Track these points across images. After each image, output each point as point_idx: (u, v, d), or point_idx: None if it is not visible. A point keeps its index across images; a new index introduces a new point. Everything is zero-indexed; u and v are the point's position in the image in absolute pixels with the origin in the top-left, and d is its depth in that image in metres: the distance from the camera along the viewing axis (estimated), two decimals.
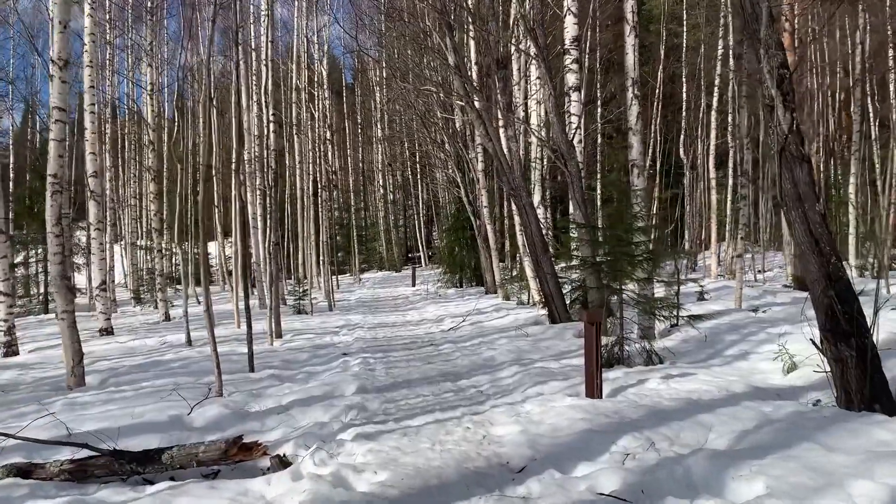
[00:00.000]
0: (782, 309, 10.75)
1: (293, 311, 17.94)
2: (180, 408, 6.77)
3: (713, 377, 6.85)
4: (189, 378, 8.80)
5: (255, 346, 11.29)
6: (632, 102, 9.89)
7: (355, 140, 48.53)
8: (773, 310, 10.73)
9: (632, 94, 9.88)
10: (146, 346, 12.48)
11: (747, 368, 7.51)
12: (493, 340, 10.73)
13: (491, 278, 20.35)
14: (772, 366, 7.41)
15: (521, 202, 11.90)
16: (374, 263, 42.87)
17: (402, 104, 28.60)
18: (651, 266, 8.26)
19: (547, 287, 12.01)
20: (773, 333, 8.77)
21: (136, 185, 31.76)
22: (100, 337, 14.55)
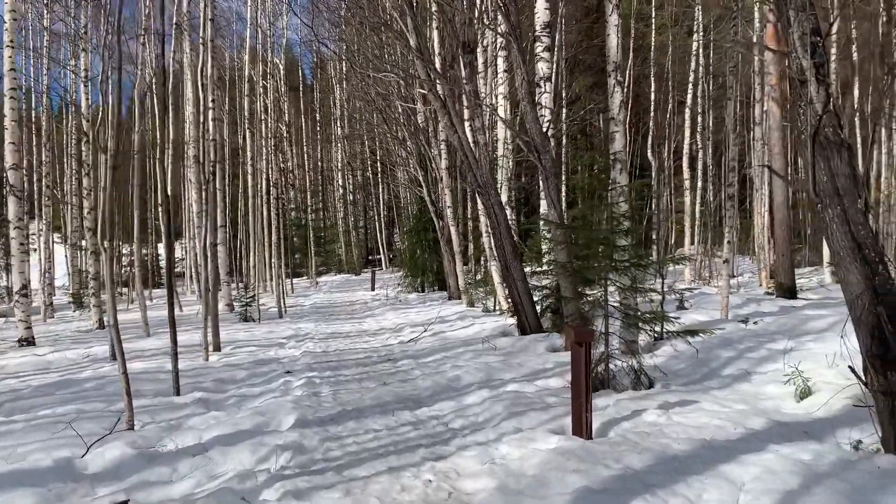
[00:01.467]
0: (774, 320, 9.81)
1: (239, 318, 16.54)
2: (75, 447, 5.48)
3: (720, 406, 5.78)
4: (100, 404, 7.47)
5: (188, 362, 9.99)
6: (614, 90, 8.82)
7: (314, 138, 47.01)
8: (764, 321, 9.78)
9: (614, 81, 8.82)
10: (66, 360, 11.02)
11: (753, 393, 6.48)
12: (457, 355, 9.57)
13: (454, 283, 19.21)
14: (781, 390, 6.40)
15: (490, 201, 10.78)
16: (332, 266, 41.40)
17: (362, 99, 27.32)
18: (639, 272, 7.19)
19: (516, 294, 10.91)
20: (773, 350, 7.79)
21: (78, 182, 29.80)
22: (18, 348, 12.98)
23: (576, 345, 5.18)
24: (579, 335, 5.14)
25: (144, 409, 7.02)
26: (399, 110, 20.50)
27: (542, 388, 7.08)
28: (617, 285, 7.60)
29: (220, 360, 10.31)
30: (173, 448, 5.57)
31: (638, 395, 6.37)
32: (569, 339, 5.20)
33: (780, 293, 13.20)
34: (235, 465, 5.02)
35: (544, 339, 10.07)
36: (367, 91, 21.23)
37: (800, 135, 4.84)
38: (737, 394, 6.48)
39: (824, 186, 4.61)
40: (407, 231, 26.33)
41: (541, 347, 9.68)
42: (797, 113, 4.86)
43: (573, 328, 5.17)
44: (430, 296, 21.50)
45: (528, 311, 10.90)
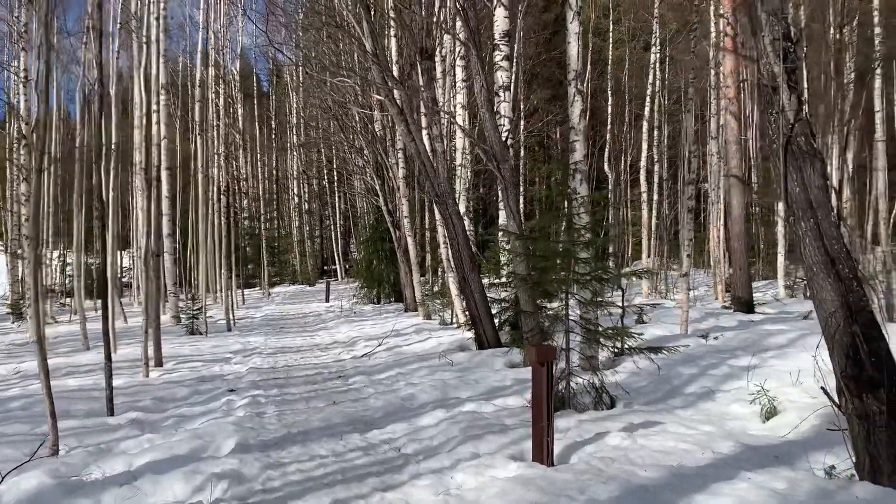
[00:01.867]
0: (734, 335, 9.67)
1: (185, 331, 15.86)
2: None
3: (685, 428, 5.52)
4: (24, 426, 6.90)
5: (126, 379, 9.42)
6: (574, 99, 8.60)
7: (269, 146, 46.19)
8: (725, 336, 9.64)
9: (574, 90, 8.60)
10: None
11: (718, 413, 6.25)
12: (413, 371, 9.19)
13: (411, 294, 18.81)
14: (747, 409, 6.19)
15: (447, 211, 10.46)
16: (286, 276, 40.54)
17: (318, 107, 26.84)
18: (600, 286, 6.93)
19: (474, 307, 10.59)
20: (736, 366, 7.62)
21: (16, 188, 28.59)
22: None
23: (536, 364, 4.86)
24: (540, 353, 4.82)
25: (72, 431, 6.48)
26: (356, 118, 20.08)
27: (500, 407, 6.75)
28: (577, 299, 7.35)
29: (162, 376, 9.73)
30: (99, 476, 5.07)
31: (600, 416, 6.09)
32: (529, 357, 4.87)
33: (737, 307, 13.15)
34: (166, 497, 4.57)
35: (502, 354, 9.77)
36: (323, 98, 20.77)
37: (771, 144, 4.63)
38: (702, 414, 6.25)
39: (797, 198, 4.40)
40: (363, 241, 25.88)
41: (499, 363, 9.37)
42: (768, 121, 4.65)
43: (534, 346, 4.86)
44: (386, 308, 21.07)
45: (486, 325, 10.59)
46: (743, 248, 13.21)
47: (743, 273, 13.11)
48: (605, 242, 7.22)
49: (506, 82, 11.15)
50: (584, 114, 8.77)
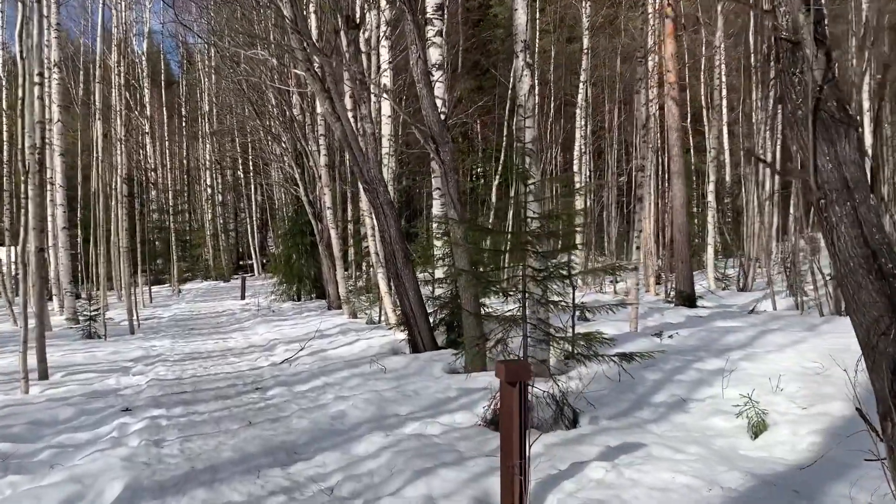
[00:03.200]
0: (690, 333, 9.02)
1: (82, 335, 14.17)
2: None
3: (672, 451, 4.69)
4: None
5: (1, 396, 7.94)
6: (522, 73, 7.69)
7: (179, 134, 43.66)
8: (679, 334, 8.97)
9: (522, 63, 7.68)
10: None
11: (698, 428, 5.47)
12: (342, 381, 8.09)
13: (335, 291, 17.61)
14: (730, 424, 5.45)
15: (378, 200, 9.37)
16: (199, 272, 38.35)
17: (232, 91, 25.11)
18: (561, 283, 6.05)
19: (408, 306, 9.57)
20: (703, 370, 6.91)
21: None
22: None
23: (507, 385, 3.90)
24: (511, 371, 3.85)
25: None
26: (273, 102, 18.66)
27: (448, 426, 5.77)
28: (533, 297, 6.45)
29: (45, 391, 8.26)
30: None
31: (569, 437, 5.19)
32: (498, 375, 3.91)
33: (679, 301, 12.64)
34: None
35: (440, 359, 8.81)
36: (237, 80, 19.23)
37: (793, 112, 3.81)
38: (680, 429, 5.46)
39: (829, 177, 3.57)
40: (281, 234, 24.38)
41: (437, 369, 8.40)
42: (787, 85, 3.82)
43: (503, 363, 3.89)
44: (308, 305, 19.77)
45: (421, 326, 9.59)
46: (685, 240, 12.70)
47: (685, 266, 12.60)
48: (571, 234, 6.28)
49: (439, 60, 10.17)
50: (533, 90, 7.88)
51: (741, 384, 6.22)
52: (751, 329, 9.01)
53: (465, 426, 5.81)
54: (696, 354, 7.61)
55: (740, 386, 6.18)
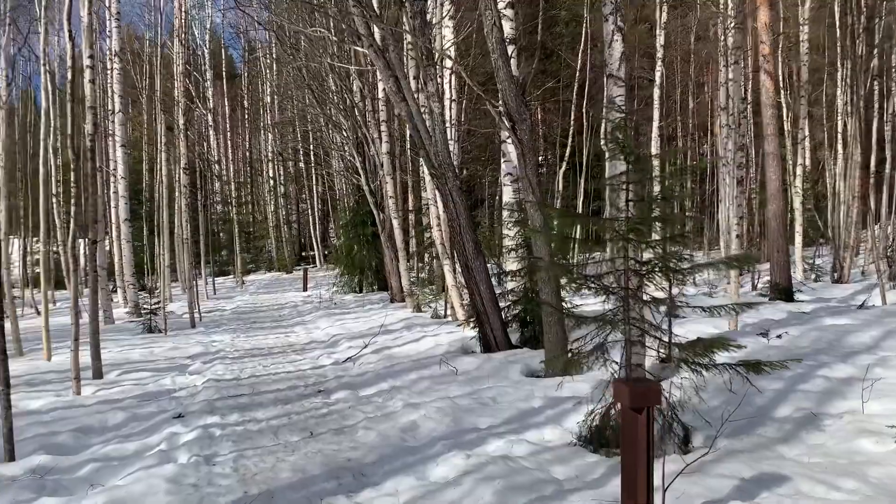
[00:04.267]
0: (801, 333, 7.97)
1: (143, 328, 13.91)
2: None
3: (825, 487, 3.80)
4: None
5: (51, 398, 7.51)
6: (613, 37, 6.80)
7: (242, 127, 43.88)
8: (789, 334, 7.93)
9: (613, 26, 6.79)
10: None
11: (842, 452, 4.52)
12: (410, 384, 7.38)
13: (397, 283, 16.98)
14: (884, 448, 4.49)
15: (447, 187, 8.60)
16: (262, 263, 38.43)
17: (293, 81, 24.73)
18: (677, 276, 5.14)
19: (480, 301, 8.78)
20: (830, 378, 5.94)
21: None
22: None
23: (631, 411, 3.07)
24: (639, 395, 3.03)
25: None
26: (333, 88, 18.10)
27: (538, 445, 4.97)
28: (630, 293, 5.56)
29: (98, 391, 7.82)
30: None
31: (688, 462, 4.32)
32: (618, 399, 3.11)
33: (774, 295, 11.48)
34: None
35: (516, 359, 8.01)
36: (297, 68, 18.77)
37: None
38: (820, 454, 4.51)
39: None
40: (343, 225, 23.90)
41: (514, 371, 7.60)
42: None
43: (625, 383, 3.06)
44: (370, 297, 19.20)
45: (493, 323, 8.80)
46: (781, 228, 11.52)
47: (781, 256, 11.43)
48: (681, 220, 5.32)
49: (511, 34, 9.34)
50: (626, 57, 6.97)
51: (885, 397, 5.23)
52: (871, 328, 7.90)
53: (557, 445, 5.00)
54: (815, 358, 6.61)
55: (884, 399, 5.20)
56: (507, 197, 10.30)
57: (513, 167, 10.34)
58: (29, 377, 8.70)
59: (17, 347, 10.97)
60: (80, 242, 8.33)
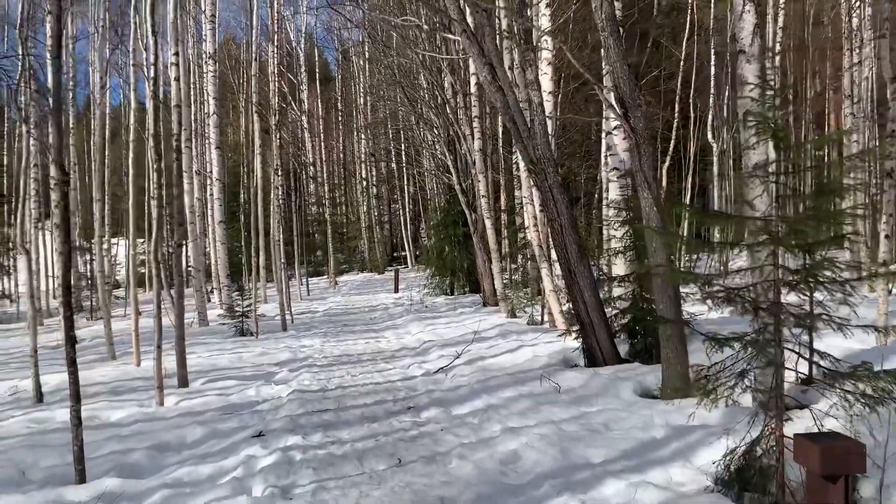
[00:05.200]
0: None
1: (235, 331, 13.79)
2: None
3: None
4: None
5: (133, 409, 7.22)
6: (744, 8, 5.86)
7: (336, 129, 44.33)
8: None
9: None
10: None
11: None
12: (508, 402, 6.64)
13: (490, 286, 16.29)
14: None
15: (547, 182, 7.82)
16: (355, 264, 38.63)
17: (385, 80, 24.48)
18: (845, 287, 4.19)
19: (584, 310, 7.95)
20: None
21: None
22: None
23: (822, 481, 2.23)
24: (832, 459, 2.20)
25: None
26: (424, 86, 17.60)
27: (669, 491, 4.14)
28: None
29: (180, 402, 7.49)
30: None
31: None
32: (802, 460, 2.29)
33: None
34: None
35: (626, 376, 7.14)
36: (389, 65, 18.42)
37: None
38: None
39: None
40: (434, 225, 23.44)
41: (626, 390, 6.74)
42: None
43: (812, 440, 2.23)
44: (461, 300, 18.58)
45: (599, 334, 7.95)
46: None
47: None
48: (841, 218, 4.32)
49: (619, 16, 8.45)
50: (758, 30, 5.99)
51: None
52: None
53: (691, 490, 4.16)
54: None
55: None
56: (613, 194, 9.41)
57: (619, 161, 9.46)
58: (115, 384, 8.51)
59: (111, 351, 10.95)
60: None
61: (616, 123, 9.46)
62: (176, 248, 8.37)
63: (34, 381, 7.73)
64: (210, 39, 17.19)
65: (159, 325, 7.48)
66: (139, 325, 11.21)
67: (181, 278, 8.55)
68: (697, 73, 22.39)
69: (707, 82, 23.08)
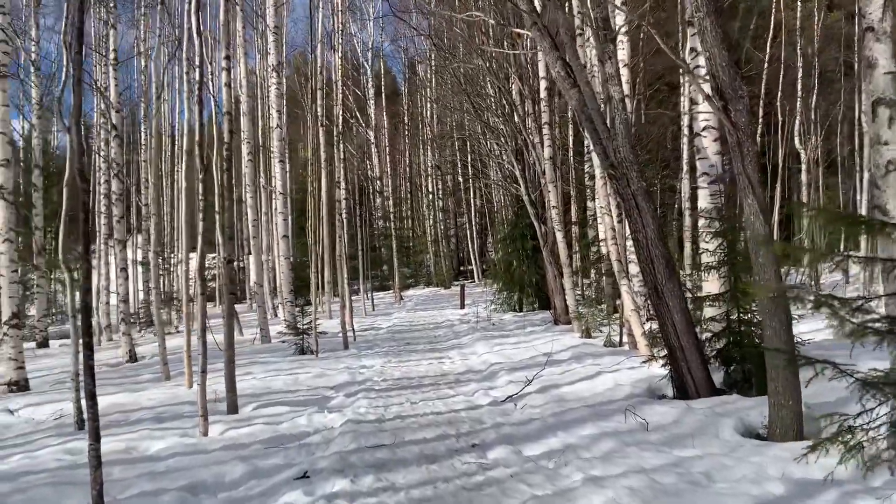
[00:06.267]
0: None
1: (295, 349, 13.29)
2: None
3: None
4: None
5: (175, 439, 6.66)
6: None
7: (403, 143, 44.11)
8: None
9: None
10: (26, 424, 7.97)
11: None
12: (588, 443, 5.75)
13: (561, 303, 15.34)
14: None
15: (629, 189, 6.92)
16: (421, 279, 38.11)
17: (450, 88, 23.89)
18: None
19: (673, 333, 7.00)
20: None
21: None
22: (5, 395, 10.16)
23: None
24: None
25: None
26: (490, 94, 16.89)
27: None
28: None
29: (226, 432, 6.89)
30: None
31: None
32: None
33: None
34: None
35: (725, 411, 6.16)
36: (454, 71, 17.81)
37: None
38: None
39: None
40: (501, 239, 22.60)
41: (727, 429, 5.76)
42: None
43: None
44: (531, 317, 17.66)
45: (691, 361, 6.97)
46: None
47: None
48: None
49: None
50: (890, 3, 5.00)
51: None
52: None
53: None
54: None
55: None
56: (704, 202, 8.41)
57: (709, 165, 8.46)
58: (161, 409, 8.02)
59: (165, 371, 10.55)
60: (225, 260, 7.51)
61: (705, 124, 8.50)
62: (227, 265, 7.81)
63: (75, 406, 7.28)
64: (273, 51, 16.93)
65: (204, 348, 6.91)
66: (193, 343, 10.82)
67: (231, 296, 8.00)
68: (784, 76, 20.96)
69: (792, 86, 21.54)
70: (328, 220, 20.34)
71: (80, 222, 4.52)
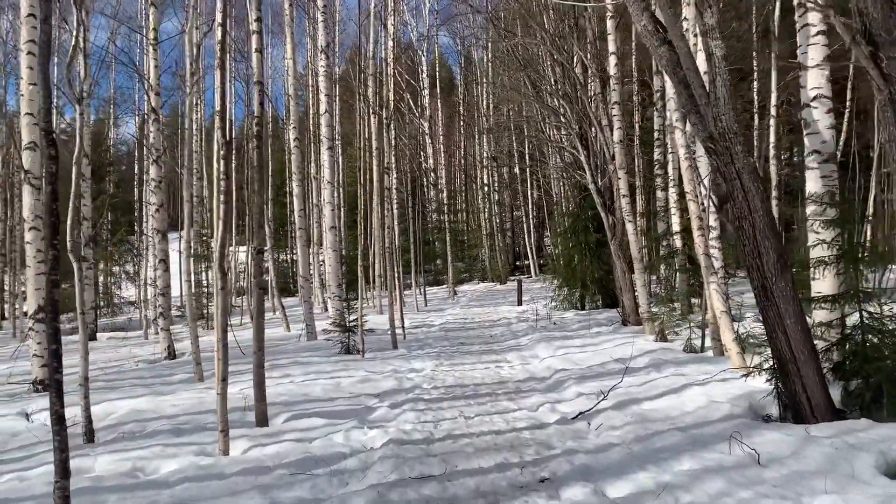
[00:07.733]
0: None
1: (340, 348, 12.37)
2: None
3: None
4: None
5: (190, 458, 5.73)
6: None
7: (458, 134, 43.02)
8: None
9: None
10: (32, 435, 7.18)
11: None
12: (688, 481, 4.55)
13: (630, 302, 14.01)
14: None
15: (734, 166, 5.66)
16: (475, 273, 36.96)
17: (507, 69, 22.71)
18: None
19: (784, 341, 5.71)
20: None
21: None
22: (28, 395, 9.49)
23: None
24: None
25: None
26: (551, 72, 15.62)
27: None
28: None
29: (249, 451, 5.91)
30: None
31: None
32: None
33: None
34: None
35: (858, 441, 4.89)
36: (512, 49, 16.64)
37: None
38: None
39: None
40: (561, 232, 21.26)
41: (865, 466, 4.50)
42: None
43: None
44: (595, 316, 16.34)
45: (807, 376, 5.67)
46: None
47: None
48: None
49: None
50: None
51: None
52: None
53: None
54: None
55: None
56: (814, 185, 7.07)
57: (821, 142, 7.11)
58: (184, 418, 7.11)
59: (198, 371, 9.71)
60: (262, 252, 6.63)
61: (815, 93, 7.16)
62: (256, 256, 6.85)
63: (84, 415, 6.44)
64: (322, 31, 16.05)
65: (224, 352, 5.94)
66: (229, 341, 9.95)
67: (260, 290, 7.03)
68: None
69: None
70: (379, 210, 19.42)
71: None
